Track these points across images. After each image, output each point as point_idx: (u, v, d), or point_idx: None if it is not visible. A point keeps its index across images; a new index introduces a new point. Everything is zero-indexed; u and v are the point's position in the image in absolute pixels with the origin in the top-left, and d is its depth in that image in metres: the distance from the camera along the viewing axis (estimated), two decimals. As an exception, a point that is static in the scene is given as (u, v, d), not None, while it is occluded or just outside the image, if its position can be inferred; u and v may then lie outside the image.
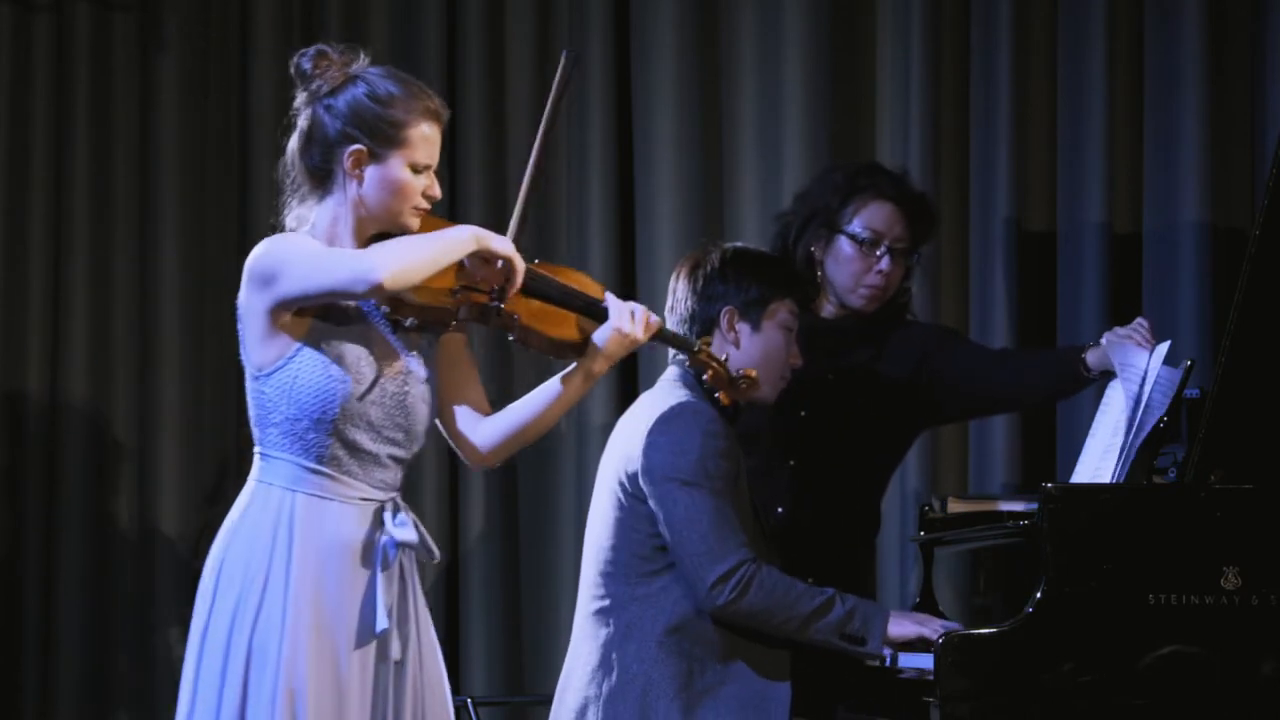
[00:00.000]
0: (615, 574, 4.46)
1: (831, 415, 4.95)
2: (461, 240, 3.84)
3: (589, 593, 4.51)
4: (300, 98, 3.95)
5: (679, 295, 4.54)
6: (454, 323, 3.94)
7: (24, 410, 6.07)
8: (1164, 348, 4.61)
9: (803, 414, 4.88)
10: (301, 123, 3.94)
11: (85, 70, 6.13)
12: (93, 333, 6.10)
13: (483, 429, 4.07)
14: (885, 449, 5.08)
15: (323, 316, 3.85)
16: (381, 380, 3.88)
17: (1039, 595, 4.25)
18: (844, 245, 4.97)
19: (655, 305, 4.35)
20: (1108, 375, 4.79)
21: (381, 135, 3.87)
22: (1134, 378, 4.56)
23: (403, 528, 3.89)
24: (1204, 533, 4.28)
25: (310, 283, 3.76)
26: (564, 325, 4.01)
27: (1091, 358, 4.79)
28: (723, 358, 4.24)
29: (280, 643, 3.78)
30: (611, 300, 4.05)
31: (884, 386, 5.01)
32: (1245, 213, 5.72)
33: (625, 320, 4.02)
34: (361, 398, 3.85)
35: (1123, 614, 4.24)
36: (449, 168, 6.06)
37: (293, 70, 3.94)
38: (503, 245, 3.86)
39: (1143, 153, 5.80)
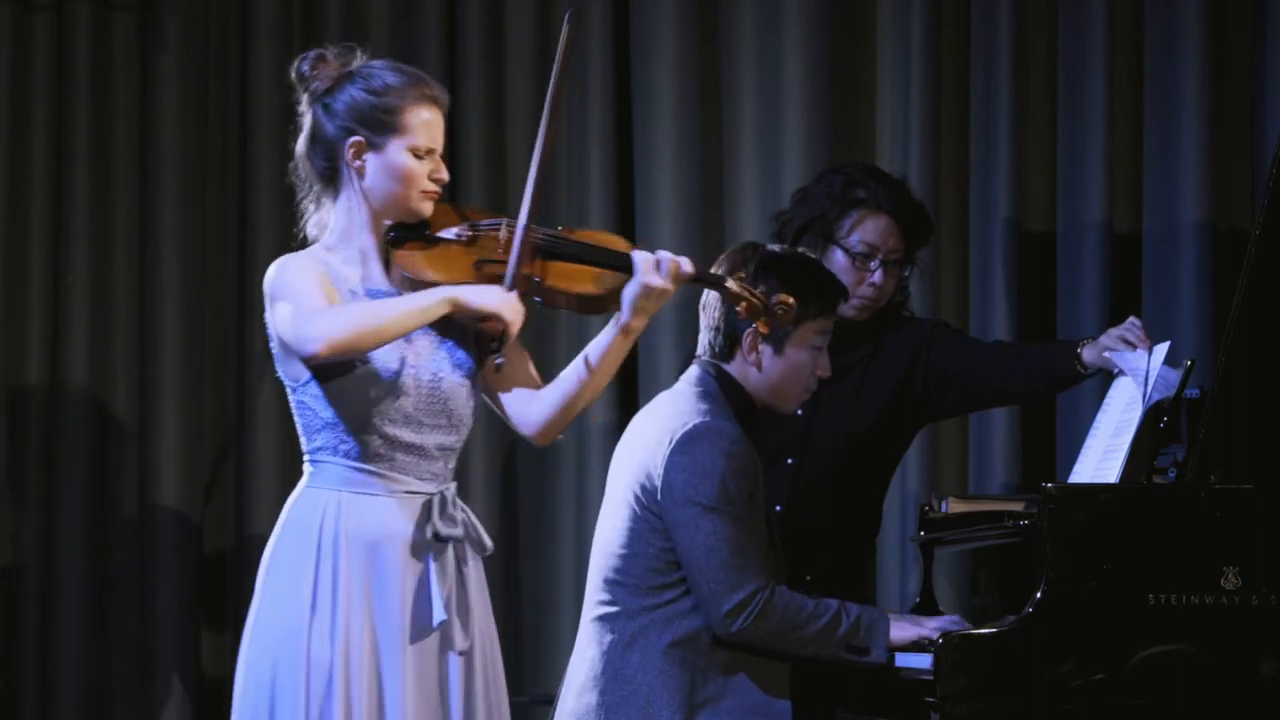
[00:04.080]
0: (625, 582, 4.41)
1: (829, 413, 4.95)
2: (430, 304, 3.82)
3: (595, 597, 4.47)
4: (302, 101, 3.97)
5: (712, 299, 4.50)
6: None
7: (25, 408, 6.07)
8: (1164, 348, 4.61)
9: (800, 412, 4.87)
10: (304, 125, 3.96)
11: (85, 70, 6.13)
12: (93, 332, 6.10)
13: (535, 405, 4.04)
14: (883, 447, 5.08)
15: None
16: (413, 371, 3.88)
17: (1039, 595, 4.25)
18: (838, 256, 4.97)
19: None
20: (1103, 372, 4.79)
21: (378, 123, 3.90)
22: (1138, 380, 4.57)
23: (447, 522, 3.89)
24: (1204, 533, 4.28)
25: (280, 329, 3.86)
26: (586, 281, 3.95)
27: (1088, 355, 4.80)
28: (758, 289, 4.16)
29: (332, 643, 3.79)
30: (637, 253, 3.97)
31: (882, 384, 5.01)
32: (1245, 213, 5.71)
33: (650, 272, 3.93)
34: (394, 392, 3.85)
35: (1123, 614, 4.24)
36: (449, 168, 6.04)
37: (293, 75, 3.97)
38: (484, 300, 3.83)
39: (1143, 153, 5.80)
